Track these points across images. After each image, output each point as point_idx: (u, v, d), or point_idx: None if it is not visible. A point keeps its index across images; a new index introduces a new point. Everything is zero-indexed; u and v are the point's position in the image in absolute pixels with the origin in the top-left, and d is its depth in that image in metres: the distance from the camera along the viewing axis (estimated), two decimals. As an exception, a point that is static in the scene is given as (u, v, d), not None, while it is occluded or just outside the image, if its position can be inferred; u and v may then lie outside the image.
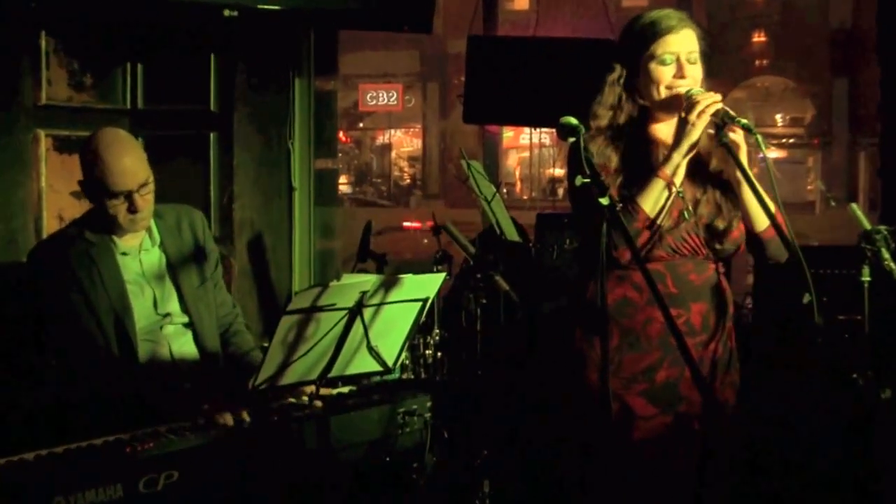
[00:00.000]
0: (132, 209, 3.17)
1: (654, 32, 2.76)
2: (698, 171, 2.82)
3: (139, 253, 3.30)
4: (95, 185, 3.16)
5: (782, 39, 27.39)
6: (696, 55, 2.78)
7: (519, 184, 30.79)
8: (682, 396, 2.78)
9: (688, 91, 2.71)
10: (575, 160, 2.71)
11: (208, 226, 3.55)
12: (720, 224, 2.79)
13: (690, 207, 2.77)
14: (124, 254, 3.27)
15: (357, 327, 2.94)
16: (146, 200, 3.20)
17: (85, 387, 3.17)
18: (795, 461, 4.53)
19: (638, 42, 2.79)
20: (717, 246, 2.80)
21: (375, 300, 2.95)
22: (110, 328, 3.17)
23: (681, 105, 2.74)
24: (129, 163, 3.16)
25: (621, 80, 2.83)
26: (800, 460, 4.52)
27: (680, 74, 2.75)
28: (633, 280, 2.75)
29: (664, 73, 2.76)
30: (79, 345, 3.19)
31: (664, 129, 2.85)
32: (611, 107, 2.84)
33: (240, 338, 3.54)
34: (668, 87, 2.76)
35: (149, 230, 3.33)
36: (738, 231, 2.82)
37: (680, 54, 2.75)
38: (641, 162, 2.78)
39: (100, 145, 3.16)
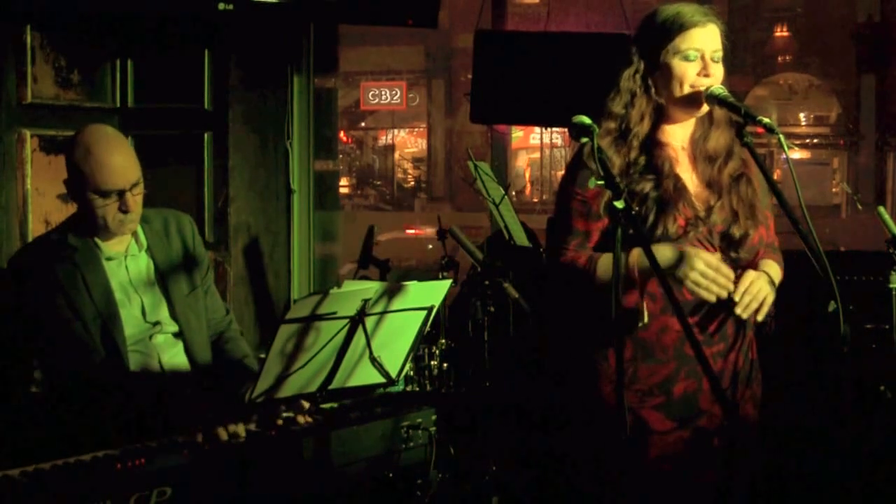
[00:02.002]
0: (123, 209, 3.15)
1: (679, 25, 2.74)
2: (714, 175, 2.81)
3: (125, 259, 3.29)
4: (84, 183, 3.14)
5: (806, 34, 27.34)
6: (720, 54, 2.77)
7: (529, 186, 30.77)
8: (701, 410, 2.77)
9: (711, 89, 2.71)
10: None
11: (198, 230, 3.54)
12: (736, 232, 2.77)
13: (703, 214, 2.75)
14: (109, 259, 3.26)
15: (359, 337, 2.94)
16: (137, 202, 3.19)
17: (72, 399, 3.16)
18: (821, 478, 4.52)
19: (660, 35, 2.77)
20: (734, 255, 2.77)
21: (378, 308, 2.95)
22: (97, 337, 3.16)
23: (699, 103, 2.74)
24: (122, 160, 3.15)
25: (638, 75, 2.81)
26: (825, 477, 4.51)
27: (704, 72, 2.73)
28: (646, 287, 2.73)
29: (688, 70, 2.74)
30: (65, 355, 3.18)
31: (676, 132, 2.84)
32: (625, 105, 2.81)
33: (233, 344, 3.52)
34: (692, 86, 2.74)
35: (135, 235, 3.31)
36: (756, 237, 2.80)
37: (704, 51, 2.74)
38: (645, 166, 2.77)
39: (90, 141, 3.15)
